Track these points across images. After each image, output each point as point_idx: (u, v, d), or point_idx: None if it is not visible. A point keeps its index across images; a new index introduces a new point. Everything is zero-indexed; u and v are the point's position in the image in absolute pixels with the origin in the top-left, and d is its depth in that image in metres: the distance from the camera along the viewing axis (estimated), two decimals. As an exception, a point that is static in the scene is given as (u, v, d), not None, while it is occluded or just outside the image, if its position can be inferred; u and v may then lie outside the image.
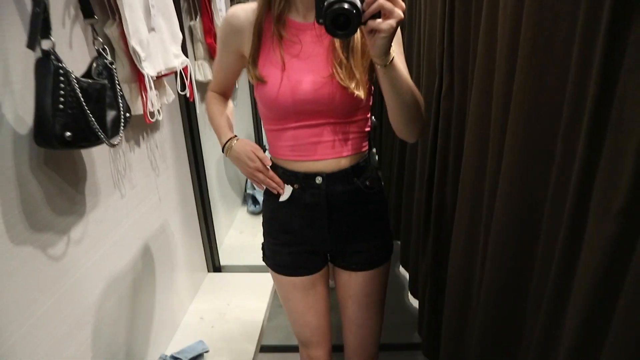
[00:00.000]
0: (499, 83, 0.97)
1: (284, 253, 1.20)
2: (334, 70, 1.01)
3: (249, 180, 3.01)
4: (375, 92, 1.14)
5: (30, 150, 1.00)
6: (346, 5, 0.76)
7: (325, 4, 0.77)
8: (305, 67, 1.03)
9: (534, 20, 0.79)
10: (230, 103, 1.26)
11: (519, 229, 0.94)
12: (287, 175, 1.13)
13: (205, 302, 1.99)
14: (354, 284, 1.23)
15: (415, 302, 2.03)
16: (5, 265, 0.94)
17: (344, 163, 1.11)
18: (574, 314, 0.69)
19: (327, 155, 1.09)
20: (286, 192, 1.13)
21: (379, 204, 1.20)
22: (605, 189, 0.64)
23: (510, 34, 0.89)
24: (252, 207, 2.93)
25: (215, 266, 2.19)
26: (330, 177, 1.10)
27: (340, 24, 0.77)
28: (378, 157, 3.54)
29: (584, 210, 0.69)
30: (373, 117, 1.21)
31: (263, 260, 1.28)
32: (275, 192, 1.15)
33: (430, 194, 1.60)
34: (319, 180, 1.10)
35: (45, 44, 0.93)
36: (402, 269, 2.52)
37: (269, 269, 1.27)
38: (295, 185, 1.12)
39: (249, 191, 2.99)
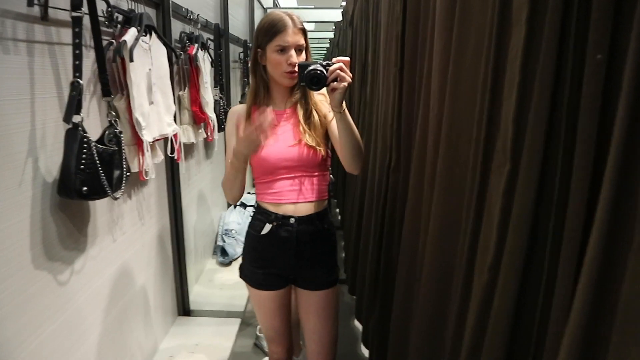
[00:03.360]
0: (429, 165, 1.28)
1: (259, 273, 1.52)
2: (302, 136, 1.41)
3: (219, 233, 3.24)
4: (333, 157, 1.54)
5: (52, 198, 1.24)
6: (318, 72, 1.23)
7: (305, 72, 1.24)
8: (281, 137, 1.43)
9: (449, 122, 1.11)
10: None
11: (438, 281, 1.21)
12: (268, 215, 1.46)
13: (175, 342, 2.16)
14: (312, 300, 1.54)
15: (366, 352, 2.23)
16: (29, 288, 1.18)
17: (311, 209, 1.46)
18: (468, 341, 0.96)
19: (298, 199, 1.45)
20: (265, 228, 1.47)
21: (332, 241, 1.56)
22: (483, 251, 0.92)
23: (436, 129, 1.20)
24: (221, 259, 3.11)
25: (185, 310, 2.38)
26: (300, 219, 1.45)
27: (314, 84, 1.25)
28: (341, 221, 3.83)
29: (472, 265, 0.97)
30: (331, 176, 1.59)
31: (240, 277, 1.58)
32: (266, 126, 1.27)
33: (379, 255, 1.86)
34: (292, 220, 1.44)
35: (76, 119, 1.19)
36: (356, 322, 2.72)
37: (246, 284, 1.57)
38: (274, 223, 1.45)
39: (219, 243, 3.19)
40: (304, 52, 1.38)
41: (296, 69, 1.33)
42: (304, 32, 1.38)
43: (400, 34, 1.55)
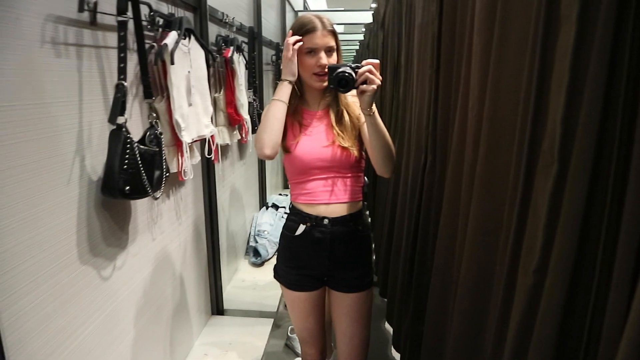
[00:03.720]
0: (467, 166, 1.26)
1: (293, 274, 1.53)
2: (335, 137, 1.42)
3: (251, 233, 3.28)
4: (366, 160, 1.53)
5: (96, 197, 1.28)
6: (347, 73, 1.24)
7: (334, 74, 1.25)
8: (315, 137, 1.45)
9: (490, 123, 1.09)
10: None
11: (477, 283, 1.19)
12: (302, 216, 1.47)
13: (209, 340, 2.21)
14: (345, 302, 1.54)
15: (397, 356, 2.21)
16: (77, 283, 1.22)
17: (344, 210, 1.46)
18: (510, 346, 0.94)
19: (330, 199, 1.45)
20: (299, 229, 1.48)
21: (366, 243, 1.56)
22: (527, 253, 0.91)
23: (476, 130, 1.19)
24: (253, 259, 3.14)
25: (219, 309, 2.42)
26: (334, 220, 1.45)
27: (342, 86, 1.25)
28: (372, 223, 3.82)
29: (515, 267, 0.95)
30: (366, 178, 1.59)
31: (275, 277, 1.60)
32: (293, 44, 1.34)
33: (413, 258, 1.85)
34: (326, 221, 1.45)
35: (120, 120, 1.23)
36: (387, 325, 2.71)
37: (280, 284, 1.59)
38: (308, 224, 1.46)
39: (252, 244, 3.22)
40: (334, 54, 1.39)
41: (326, 70, 1.34)
42: (334, 33, 1.39)
43: (437, 35, 1.54)
